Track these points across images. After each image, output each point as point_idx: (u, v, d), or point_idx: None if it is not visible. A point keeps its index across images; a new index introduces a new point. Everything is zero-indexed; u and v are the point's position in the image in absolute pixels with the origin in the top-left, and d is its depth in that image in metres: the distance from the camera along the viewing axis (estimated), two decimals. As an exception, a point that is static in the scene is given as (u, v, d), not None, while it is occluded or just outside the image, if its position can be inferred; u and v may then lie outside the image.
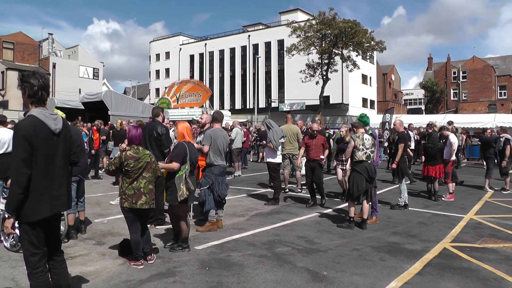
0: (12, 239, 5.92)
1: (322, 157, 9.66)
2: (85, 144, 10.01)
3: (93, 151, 13.81)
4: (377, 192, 8.36)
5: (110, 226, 7.56)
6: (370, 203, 7.83)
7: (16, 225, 3.49)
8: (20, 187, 3.29)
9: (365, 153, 7.53)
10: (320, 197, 9.79)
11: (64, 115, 6.42)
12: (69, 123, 3.94)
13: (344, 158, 9.90)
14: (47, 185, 3.47)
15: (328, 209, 9.34)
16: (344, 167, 9.87)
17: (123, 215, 5.49)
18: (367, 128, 8.48)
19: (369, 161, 7.56)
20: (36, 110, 3.50)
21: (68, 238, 6.50)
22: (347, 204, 8.14)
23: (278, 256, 5.86)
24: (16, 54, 46.70)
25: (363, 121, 8.43)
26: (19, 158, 3.31)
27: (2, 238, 6.01)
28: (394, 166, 9.52)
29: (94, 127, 14.85)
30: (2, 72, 44.87)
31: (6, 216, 3.41)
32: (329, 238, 6.87)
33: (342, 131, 10.44)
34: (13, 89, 43.74)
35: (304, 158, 10.34)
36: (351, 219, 7.64)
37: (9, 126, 9.38)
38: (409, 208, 9.39)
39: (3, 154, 8.17)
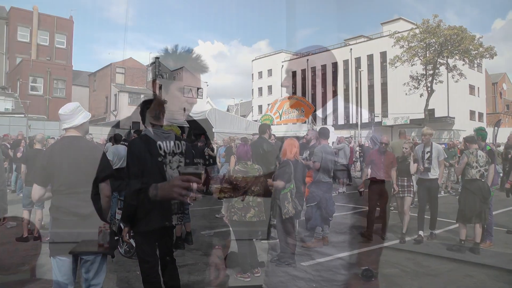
0: (126, 246, 6.34)
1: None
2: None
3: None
4: (492, 214, 7.74)
5: (216, 238, 7.86)
6: (484, 225, 7.34)
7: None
8: (133, 199, 3.57)
9: (479, 171, 7.08)
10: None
11: (179, 131, 6.91)
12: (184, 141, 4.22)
13: (408, 183, 8.09)
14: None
15: (437, 230, 8.88)
16: (412, 196, 8.18)
17: (229, 228, 5.71)
18: (483, 144, 7.90)
19: (482, 180, 7.10)
20: (149, 129, 3.85)
21: (176, 248, 6.74)
22: (457, 225, 7.67)
23: (386, 277, 5.75)
24: (126, 78, 51.21)
25: (481, 134, 7.82)
26: (131, 172, 3.63)
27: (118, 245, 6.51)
28: (507, 185, 8.60)
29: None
30: (115, 95, 49.09)
31: (122, 225, 3.75)
32: (439, 262, 6.58)
33: (406, 148, 8.17)
34: (124, 110, 47.41)
35: None
36: (462, 242, 7.19)
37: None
38: (530, 233, 8.49)
39: (121, 169, 8.92)
